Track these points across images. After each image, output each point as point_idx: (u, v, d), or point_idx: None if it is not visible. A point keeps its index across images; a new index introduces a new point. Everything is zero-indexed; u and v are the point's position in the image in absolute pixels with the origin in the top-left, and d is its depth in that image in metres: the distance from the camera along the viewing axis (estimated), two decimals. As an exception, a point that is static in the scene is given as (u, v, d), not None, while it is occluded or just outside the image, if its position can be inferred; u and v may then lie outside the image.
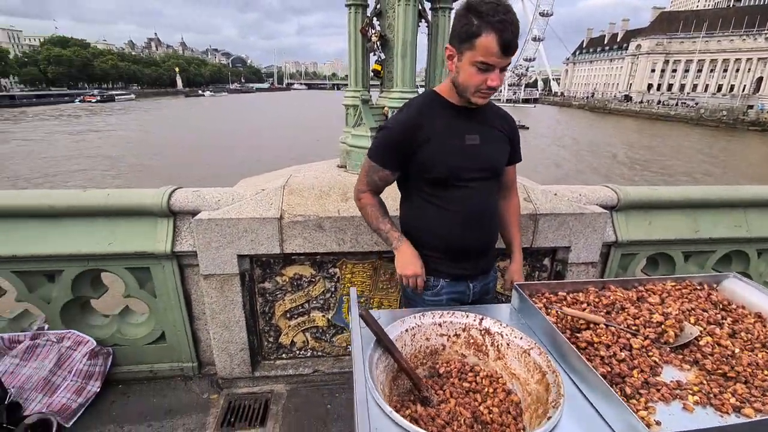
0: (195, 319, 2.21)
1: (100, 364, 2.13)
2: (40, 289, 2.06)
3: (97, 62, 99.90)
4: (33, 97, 71.07)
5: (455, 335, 1.21)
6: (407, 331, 1.16)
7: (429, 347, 1.20)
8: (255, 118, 46.97)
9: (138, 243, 1.97)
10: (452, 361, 1.19)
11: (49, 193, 1.94)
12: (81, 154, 22.92)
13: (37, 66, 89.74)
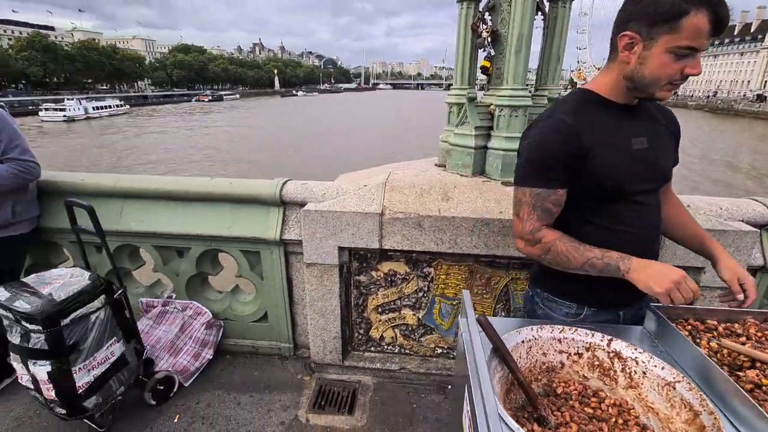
0: (294, 304, 2.35)
1: (214, 334, 2.38)
2: (172, 263, 2.36)
3: (211, 66, 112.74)
4: (161, 97, 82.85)
5: (576, 354, 1.10)
6: (523, 343, 1.08)
7: (546, 363, 1.11)
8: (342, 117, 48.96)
9: (253, 229, 2.15)
10: (572, 381, 1.09)
11: (184, 180, 2.21)
12: (193, 146, 26.11)
13: (165, 70, 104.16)
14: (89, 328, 1.70)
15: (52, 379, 1.63)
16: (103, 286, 1.78)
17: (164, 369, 2.14)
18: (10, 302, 1.58)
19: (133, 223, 2.20)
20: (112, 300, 1.82)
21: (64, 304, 1.61)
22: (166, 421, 2.00)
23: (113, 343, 1.82)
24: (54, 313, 1.57)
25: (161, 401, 2.10)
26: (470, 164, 2.17)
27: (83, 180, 2.22)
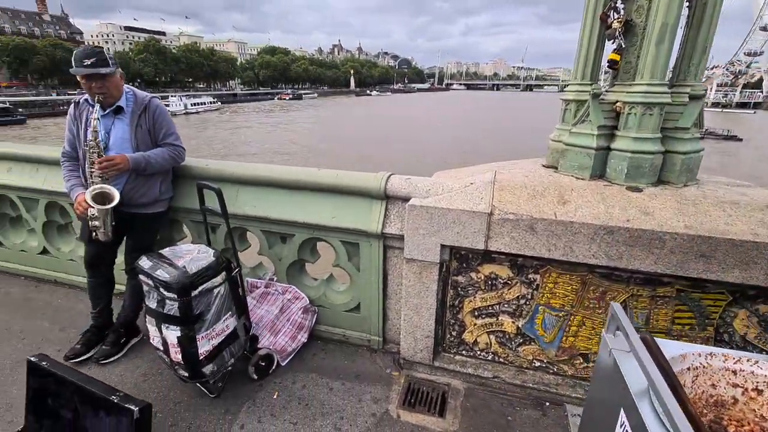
0: (387, 298, 2.36)
1: (309, 319, 2.47)
2: (275, 248, 2.50)
3: (294, 66, 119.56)
4: (248, 95, 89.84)
5: (755, 390, 0.94)
6: (689, 370, 0.95)
7: (714, 397, 0.96)
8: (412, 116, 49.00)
9: (355, 220, 2.19)
10: (747, 422, 0.93)
11: (294, 170, 2.32)
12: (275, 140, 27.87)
13: (253, 70, 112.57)
14: (212, 301, 1.85)
15: (181, 343, 1.80)
16: (225, 264, 1.92)
17: (265, 346, 2.27)
18: (153, 270, 1.77)
19: (247, 207, 2.36)
20: (230, 277, 1.96)
21: (195, 276, 1.77)
22: (267, 397, 2.11)
23: (229, 317, 1.96)
24: (188, 284, 1.73)
25: (262, 376, 2.22)
26: (589, 166, 2.00)
27: (207, 165, 2.44)
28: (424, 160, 21.45)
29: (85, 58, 1.99)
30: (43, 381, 1.72)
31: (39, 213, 3.01)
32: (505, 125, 40.03)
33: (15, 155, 2.97)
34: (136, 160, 2.13)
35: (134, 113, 2.17)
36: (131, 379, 2.22)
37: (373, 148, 25.23)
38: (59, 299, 2.97)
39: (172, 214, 2.57)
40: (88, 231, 2.16)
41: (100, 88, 2.05)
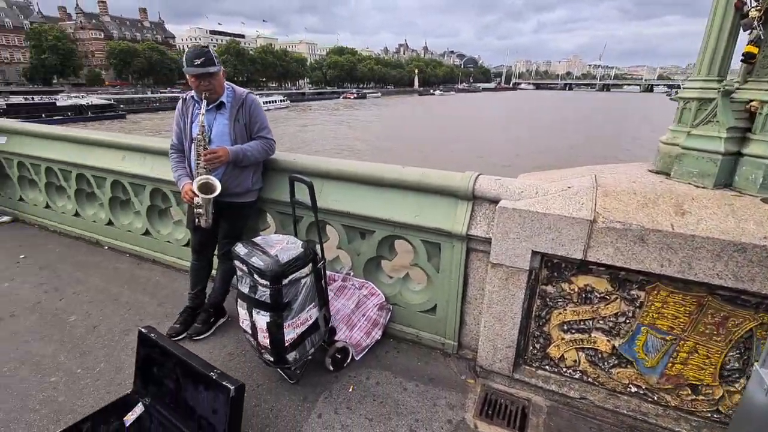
0: (466, 302, 2.28)
1: (384, 316, 2.47)
2: (354, 243, 2.53)
3: (360, 66, 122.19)
4: (315, 94, 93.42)
5: None
6: None
7: None
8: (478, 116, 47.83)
9: (438, 220, 2.14)
10: None
11: (378, 167, 2.32)
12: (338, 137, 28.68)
13: (321, 70, 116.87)
14: (299, 291, 1.91)
15: (269, 329, 1.87)
16: (312, 256, 1.97)
17: (342, 339, 2.30)
18: (248, 257, 1.86)
19: (330, 201, 2.41)
20: (316, 269, 2.01)
21: (286, 266, 1.83)
22: (343, 389, 2.14)
23: (312, 308, 2.01)
24: (279, 273, 1.80)
25: (337, 369, 2.26)
26: (712, 173, 1.76)
27: (295, 160, 2.53)
28: (489, 160, 20.82)
29: (196, 58, 2.13)
30: (150, 351, 1.89)
31: (144, 198, 3.34)
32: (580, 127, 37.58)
33: (128, 145, 3.32)
34: (235, 153, 2.27)
35: (233, 108, 2.31)
36: (219, 357, 2.37)
37: (434, 147, 25.00)
38: (157, 276, 3.28)
39: (259, 204, 2.71)
40: (193, 219, 2.33)
41: (207, 86, 2.20)
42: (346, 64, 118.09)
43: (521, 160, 21.14)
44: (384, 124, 39.85)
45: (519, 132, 33.22)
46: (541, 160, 20.82)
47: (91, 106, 40.57)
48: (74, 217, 3.95)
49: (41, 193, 4.16)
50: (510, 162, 20.27)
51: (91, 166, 3.56)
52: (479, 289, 2.21)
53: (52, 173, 3.96)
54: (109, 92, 60.90)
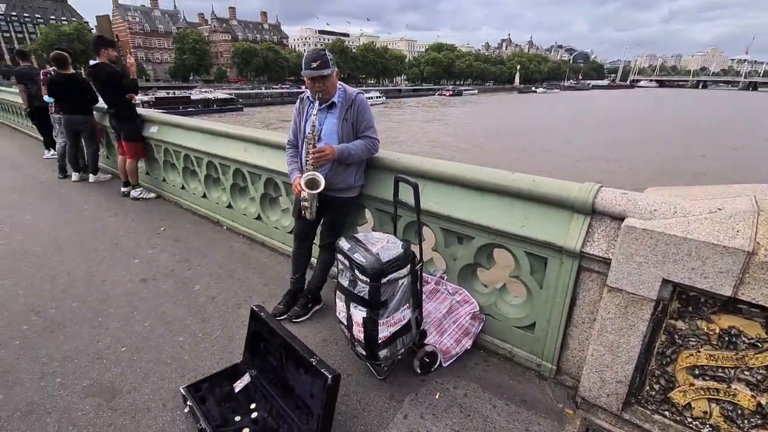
0: (571, 324, 2.08)
1: (476, 326, 2.38)
2: (451, 247, 2.48)
3: (458, 63, 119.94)
4: (411, 91, 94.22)
5: None
6: None
7: None
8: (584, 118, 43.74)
9: (547, 233, 1.98)
10: None
11: (484, 170, 2.23)
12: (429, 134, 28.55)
13: (419, 67, 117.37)
14: (396, 291, 1.92)
15: (365, 324, 1.92)
16: (410, 257, 1.97)
17: (431, 344, 2.28)
18: (351, 253, 1.93)
19: (430, 203, 2.39)
20: (413, 270, 2.00)
21: (387, 265, 1.85)
22: (429, 394, 2.12)
23: (406, 309, 2.01)
24: (380, 271, 1.83)
25: (424, 372, 2.24)
26: None
27: (399, 159, 2.55)
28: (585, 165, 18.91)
29: (312, 61, 2.24)
30: (259, 328, 2.07)
31: (259, 186, 3.69)
32: (716, 132, 32.13)
33: (250, 138, 3.70)
34: (341, 151, 2.36)
35: (343, 108, 2.40)
36: (313, 341, 2.51)
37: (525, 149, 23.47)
38: (264, 258, 3.61)
39: (360, 200, 2.80)
40: (299, 209, 2.51)
41: (320, 87, 2.31)
42: (444, 60, 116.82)
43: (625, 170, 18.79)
44: (476, 122, 38.63)
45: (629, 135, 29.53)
46: (653, 171, 18.29)
47: (216, 100, 46.47)
48: (202, 198, 4.54)
49: (179, 175, 4.86)
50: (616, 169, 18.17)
51: (218, 155, 4.04)
52: (589, 312, 1.99)
53: (188, 159, 4.59)
54: (231, 88, 69.04)
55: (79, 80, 5.51)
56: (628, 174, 17.64)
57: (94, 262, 3.50)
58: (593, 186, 1.87)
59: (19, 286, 3.09)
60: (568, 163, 19.84)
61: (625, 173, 17.90)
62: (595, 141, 26.08)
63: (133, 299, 2.93)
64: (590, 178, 2.05)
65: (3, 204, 4.96)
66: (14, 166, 6.89)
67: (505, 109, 57.95)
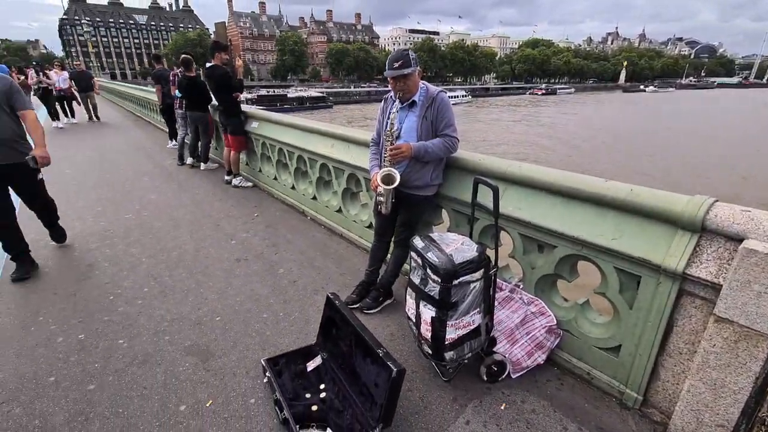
0: (664, 353, 1.86)
1: (552, 341, 2.24)
2: (530, 255, 2.36)
3: (554, 59, 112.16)
4: (500, 89, 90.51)
5: None
6: None
7: None
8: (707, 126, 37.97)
9: (643, 249, 1.79)
10: None
11: (574, 177, 2.08)
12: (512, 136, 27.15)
13: (510, 64, 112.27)
14: (467, 294, 1.90)
15: (433, 323, 1.93)
16: (485, 261, 1.93)
17: (500, 353, 2.20)
18: (424, 251, 1.95)
19: (510, 207, 2.30)
20: (487, 275, 1.95)
21: (459, 266, 1.84)
22: (494, 403, 2.05)
23: (476, 313, 1.97)
24: (452, 272, 1.82)
25: (491, 381, 2.18)
26: None
27: (482, 160, 2.50)
28: (699, 180, 16.36)
29: (395, 61, 2.29)
30: (333, 314, 2.20)
31: (342, 180, 3.88)
32: None
33: (337, 135, 3.90)
34: (417, 149, 2.38)
35: (423, 106, 2.41)
36: (381, 334, 2.59)
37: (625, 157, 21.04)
38: (342, 249, 3.79)
39: (437, 200, 2.80)
40: (376, 205, 2.59)
41: (402, 87, 2.35)
42: (539, 57, 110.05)
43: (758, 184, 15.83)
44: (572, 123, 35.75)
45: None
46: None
47: (309, 98, 49.63)
48: (291, 190, 4.92)
49: (273, 167, 5.32)
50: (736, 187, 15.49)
51: (308, 149, 4.33)
52: (688, 342, 1.76)
53: (282, 153, 5.00)
54: (323, 87, 73.14)
55: (198, 82, 6.31)
56: (758, 187, 14.90)
57: (200, 239, 4.00)
58: (705, 200, 1.64)
59: (143, 255, 3.66)
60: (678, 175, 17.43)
61: (754, 187, 15.15)
62: (714, 153, 22.43)
63: (228, 276, 3.30)
64: (705, 192, 1.80)
65: (137, 185, 5.91)
66: (147, 154, 8.15)
67: (605, 109, 52.79)
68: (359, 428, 1.79)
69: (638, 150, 22.76)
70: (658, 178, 15.96)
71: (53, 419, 1.92)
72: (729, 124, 35.27)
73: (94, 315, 2.75)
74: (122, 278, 3.24)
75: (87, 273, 3.33)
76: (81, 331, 2.57)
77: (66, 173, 6.52)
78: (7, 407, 1.98)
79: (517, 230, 2.35)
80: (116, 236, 4.07)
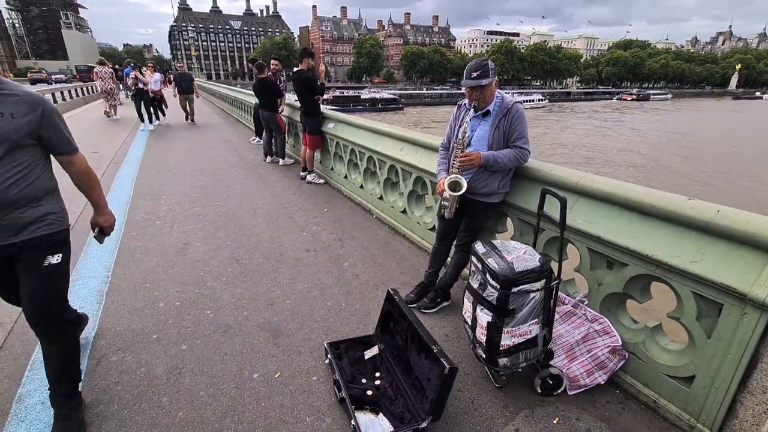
0: (746, 390, 1.70)
1: (615, 361, 2.15)
2: (598, 271, 2.28)
3: (649, 62, 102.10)
4: (583, 94, 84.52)
5: None
6: None
7: None
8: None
9: (727, 275, 1.66)
10: None
11: (653, 193, 1.98)
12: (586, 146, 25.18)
13: (596, 67, 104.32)
14: (525, 303, 1.91)
15: (489, 328, 1.97)
16: (547, 272, 1.92)
17: (558, 367, 2.16)
18: (485, 257, 1.99)
19: (579, 220, 2.25)
20: (548, 287, 1.94)
21: (519, 275, 1.86)
22: (546, 416, 2.03)
23: (534, 324, 1.97)
24: (511, 280, 1.85)
25: (545, 394, 2.15)
26: None
27: (551, 171, 2.46)
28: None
29: (474, 71, 2.34)
30: (392, 309, 2.32)
31: (409, 182, 4.01)
32: None
33: (407, 138, 4.04)
34: (486, 158, 2.41)
35: (497, 116, 2.43)
36: (437, 334, 2.66)
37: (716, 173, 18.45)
38: (404, 249, 3.92)
39: (502, 208, 2.80)
40: (440, 208, 2.67)
41: (478, 96, 2.40)
42: (631, 59, 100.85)
43: None
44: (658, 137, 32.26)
45: None
46: None
47: (381, 100, 50.72)
48: (359, 188, 5.16)
49: (344, 166, 5.61)
50: None
51: (378, 151, 4.53)
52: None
53: (353, 153, 5.27)
54: (396, 88, 74.14)
55: (269, 83, 6.97)
56: None
57: (275, 229, 4.38)
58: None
59: (228, 239, 4.12)
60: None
61: None
62: None
63: (299, 264, 3.59)
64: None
65: (224, 176, 6.59)
66: (233, 148, 9.02)
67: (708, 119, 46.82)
68: (409, 417, 1.90)
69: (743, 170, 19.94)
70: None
71: (155, 369, 2.28)
72: None
73: (187, 287, 3.18)
74: (210, 257, 3.68)
75: (184, 250, 3.83)
76: (178, 300, 2.99)
77: (169, 163, 7.46)
78: (123, 354, 2.40)
79: (585, 244, 2.28)
80: (207, 220, 4.60)
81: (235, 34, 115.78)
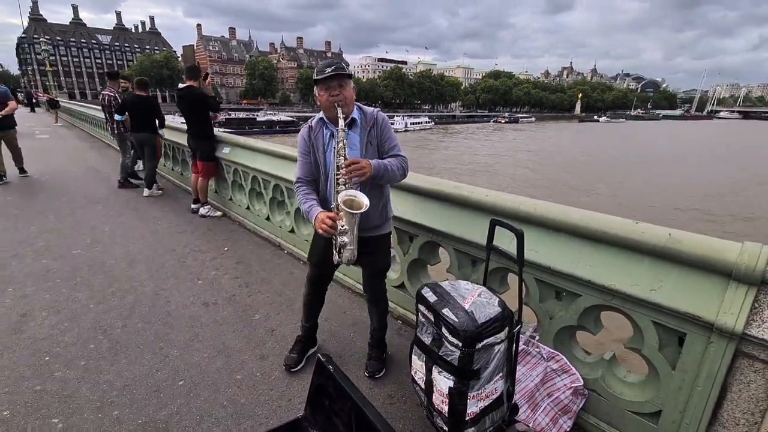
0: (718, 424, 1.61)
1: (578, 403, 1.97)
2: (548, 302, 2.11)
3: (515, 90, 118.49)
4: (465, 117, 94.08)
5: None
6: None
7: None
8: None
9: (691, 302, 1.57)
10: None
11: (599, 218, 1.87)
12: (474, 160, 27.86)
13: (474, 94, 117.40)
14: (491, 359, 1.60)
15: (451, 396, 1.61)
16: (509, 317, 1.65)
17: (523, 421, 1.90)
18: (439, 307, 1.65)
19: (527, 250, 2.04)
20: (511, 334, 1.67)
21: (483, 327, 1.55)
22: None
23: (499, 380, 1.67)
24: (475, 335, 1.52)
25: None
26: None
27: (487, 196, 2.25)
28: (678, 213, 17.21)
29: (327, 67, 1.92)
30: (324, 381, 1.82)
31: (325, 213, 3.54)
32: None
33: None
34: (377, 167, 1.92)
35: (364, 128, 2.05)
36: (378, 396, 2.22)
37: (591, 181, 21.97)
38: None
39: (432, 237, 2.53)
40: (325, 251, 2.11)
41: (338, 95, 1.92)
42: (501, 87, 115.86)
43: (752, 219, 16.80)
44: (534, 150, 37.30)
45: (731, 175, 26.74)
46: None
47: (279, 122, 49.26)
48: (266, 221, 4.52)
49: (245, 196, 4.90)
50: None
51: (284, 178, 3.99)
52: (746, 411, 1.53)
53: (256, 181, 4.62)
54: (293, 110, 73.09)
55: (150, 102, 6.12)
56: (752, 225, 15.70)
57: (161, 279, 3.51)
58: (760, 248, 1.45)
59: (90, 301, 3.13)
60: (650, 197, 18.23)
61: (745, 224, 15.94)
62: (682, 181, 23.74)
63: (195, 324, 2.84)
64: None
65: (86, 215, 5.29)
66: (101, 178, 7.47)
67: (565, 136, 55.63)
68: None
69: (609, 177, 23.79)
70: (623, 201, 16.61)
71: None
72: (691, 148, 37.94)
73: (23, 383, 2.23)
74: (62, 332, 2.71)
75: (19, 325, 2.77)
76: (6, 406, 2.05)
77: (0, 200, 5.78)
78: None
79: (532, 275, 2.09)
80: (59, 277, 3.50)
81: (104, 50, 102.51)
